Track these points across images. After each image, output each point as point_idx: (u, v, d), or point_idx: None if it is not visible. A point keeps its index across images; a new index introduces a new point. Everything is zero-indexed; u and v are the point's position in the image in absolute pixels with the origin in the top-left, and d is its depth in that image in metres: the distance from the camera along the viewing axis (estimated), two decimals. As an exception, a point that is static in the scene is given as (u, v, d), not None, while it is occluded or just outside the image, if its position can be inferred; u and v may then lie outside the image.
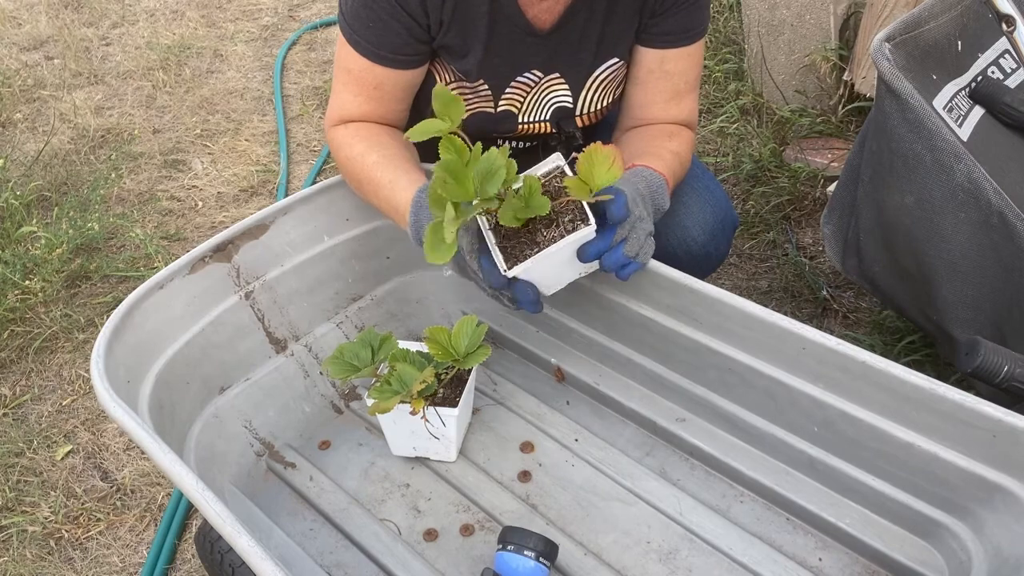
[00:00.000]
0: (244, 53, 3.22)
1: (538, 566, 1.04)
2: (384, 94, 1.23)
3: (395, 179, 1.16)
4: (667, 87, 1.26)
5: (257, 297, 1.27)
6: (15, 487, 1.55)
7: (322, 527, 1.18)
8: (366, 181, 1.20)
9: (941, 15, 1.25)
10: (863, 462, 1.07)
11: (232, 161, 2.56)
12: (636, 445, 1.26)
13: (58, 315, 1.92)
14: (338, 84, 1.25)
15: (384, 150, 1.20)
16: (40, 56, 3.23)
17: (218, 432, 1.21)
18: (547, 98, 1.28)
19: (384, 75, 1.20)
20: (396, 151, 1.22)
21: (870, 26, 2.09)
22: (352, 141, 1.23)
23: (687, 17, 1.21)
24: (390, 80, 1.21)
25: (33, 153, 2.55)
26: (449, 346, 1.11)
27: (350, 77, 1.22)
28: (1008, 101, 1.27)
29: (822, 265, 1.93)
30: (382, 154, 1.20)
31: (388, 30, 1.15)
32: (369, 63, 1.19)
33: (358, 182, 1.23)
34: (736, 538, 1.12)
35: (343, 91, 1.24)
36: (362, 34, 1.17)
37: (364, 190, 1.23)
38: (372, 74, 1.20)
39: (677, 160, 1.21)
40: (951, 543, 1.01)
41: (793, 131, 2.28)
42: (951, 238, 1.18)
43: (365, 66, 1.20)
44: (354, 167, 1.22)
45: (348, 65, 1.21)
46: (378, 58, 1.18)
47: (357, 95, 1.23)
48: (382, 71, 1.20)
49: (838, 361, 1.00)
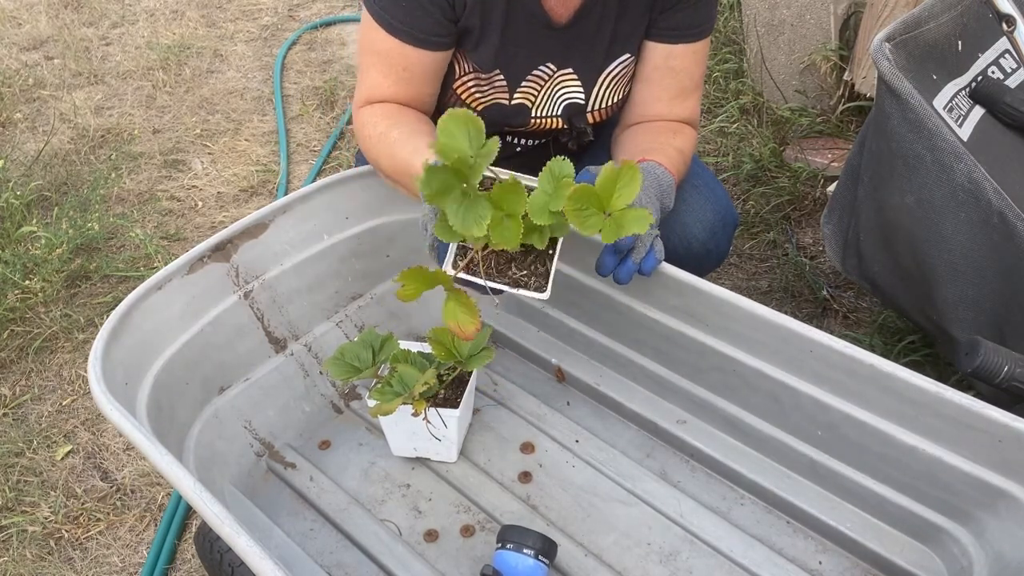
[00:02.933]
0: (244, 53, 3.21)
1: (537, 564, 1.04)
2: (413, 76, 1.22)
3: (414, 152, 1.15)
4: (672, 84, 1.27)
5: (256, 297, 1.26)
6: (15, 487, 1.55)
7: (322, 527, 1.18)
8: (386, 156, 1.19)
9: (941, 15, 1.25)
10: (865, 466, 1.06)
11: (232, 161, 2.55)
12: (637, 446, 1.26)
13: (58, 315, 1.92)
14: (366, 66, 1.24)
15: (408, 126, 1.20)
16: (40, 56, 3.23)
17: (218, 432, 1.21)
18: (559, 93, 1.28)
19: (415, 56, 1.20)
20: (420, 127, 1.21)
21: (870, 26, 2.09)
22: (377, 119, 1.22)
23: (695, 12, 1.22)
24: (420, 62, 1.21)
25: (33, 153, 2.55)
26: (452, 347, 1.11)
27: (379, 59, 1.21)
28: (1008, 101, 1.26)
29: (822, 265, 1.93)
30: (404, 131, 1.19)
31: (420, 9, 1.16)
32: (400, 43, 1.18)
33: (377, 158, 1.22)
34: (737, 540, 1.12)
35: (372, 72, 1.23)
36: (394, 14, 1.17)
37: (383, 166, 1.21)
38: (402, 54, 1.20)
39: (682, 158, 1.22)
40: (952, 548, 1.01)
41: (793, 131, 2.28)
42: (951, 238, 1.18)
43: (395, 46, 1.19)
44: (376, 144, 1.21)
45: (377, 47, 1.21)
46: (410, 38, 1.18)
47: (387, 76, 1.22)
48: (413, 52, 1.19)
49: (845, 364, 1.00)
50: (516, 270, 1.01)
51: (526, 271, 1.01)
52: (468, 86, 1.27)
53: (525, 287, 0.99)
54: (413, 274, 0.96)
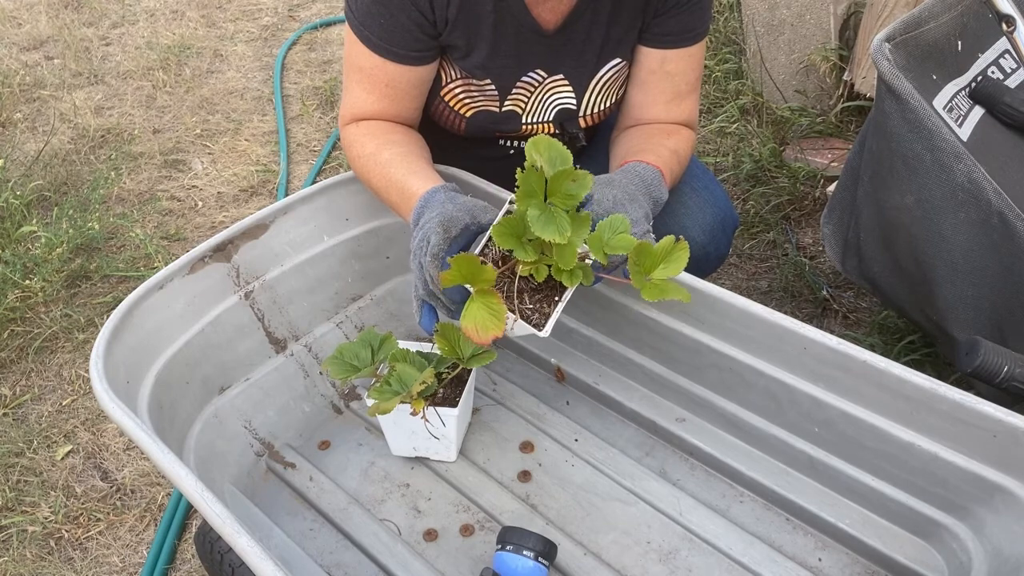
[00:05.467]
0: (244, 53, 3.21)
1: (537, 566, 1.04)
2: (397, 91, 1.22)
3: (407, 176, 1.15)
4: (668, 88, 1.26)
5: (257, 297, 1.27)
6: (15, 487, 1.55)
7: (322, 527, 1.18)
8: (378, 177, 1.19)
9: (941, 15, 1.25)
10: (863, 462, 1.07)
11: (232, 161, 2.56)
12: (636, 445, 1.26)
13: (58, 315, 1.92)
14: (350, 82, 1.24)
15: (398, 147, 1.20)
16: (40, 56, 3.23)
17: (218, 432, 1.21)
18: (550, 99, 1.28)
19: (396, 72, 1.19)
20: (410, 148, 1.21)
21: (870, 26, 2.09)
22: (364, 139, 1.22)
23: (689, 17, 1.21)
24: (403, 77, 1.20)
25: (33, 153, 2.55)
26: (457, 345, 1.11)
27: (362, 75, 1.21)
28: (1008, 101, 1.27)
29: (822, 265, 1.93)
30: (396, 152, 1.19)
31: (400, 26, 1.15)
32: (381, 60, 1.18)
33: (368, 179, 1.22)
34: (736, 538, 1.12)
35: (355, 89, 1.23)
36: (373, 30, 1.16)
37: (376, 186, 1.21)
38: (384, 71, 1.19)
39: (675, 157, 1.21)
40: (951, 543, 1.01)
41: (793, 131, 2.29)
42: (951, 238, 1.18)
43: (377, 63, 1.19)
44: (367, 164, 1.20)
45: (360, 63, 1.20)
46: (390, 54, 1.17)
47: (370, 92, 1.22)
48: (394, 68, 1.19)
49: (839, 361, 1.00)
50: (526, 302, 1.01)
51: (532, 306, 1.01)
52: (456, 93, 1.26)
53: (527, 320, 0.99)
54: (467, 261, 0.94)
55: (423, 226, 1.04)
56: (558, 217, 0.92)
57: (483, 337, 0.94)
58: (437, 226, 1.01)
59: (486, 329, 0.94)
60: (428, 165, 1.20)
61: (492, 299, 0.95)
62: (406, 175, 1.15)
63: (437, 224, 1.01)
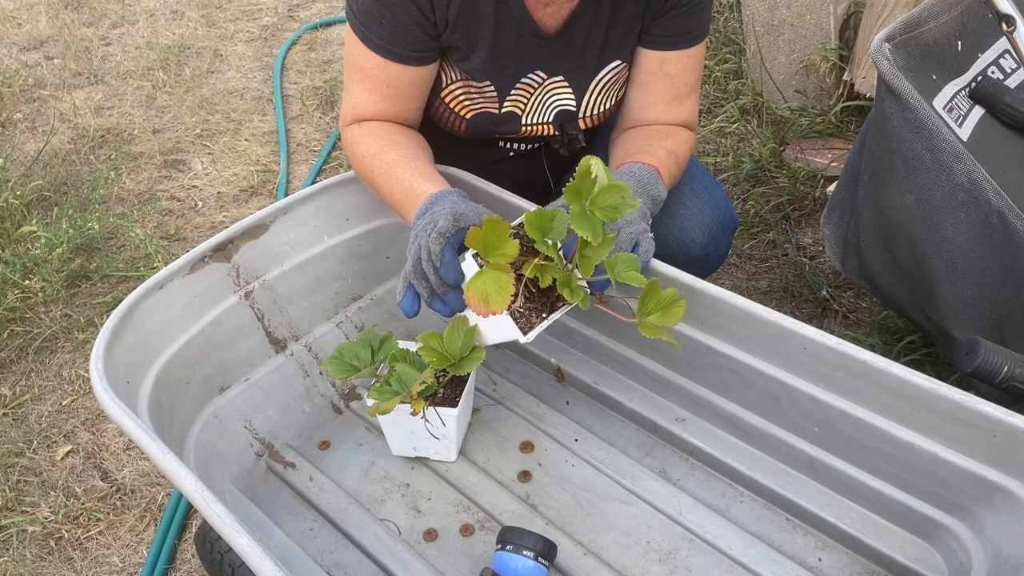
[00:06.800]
0: (244, 53, 3.21)
1: (537, 566, 1.04)
2: (398, 92, 1.22)
3: (415, 177, 1.14)
4: (667, 89, 1.26)
5: (257, 297, 1.27)
6: (15, 487, 1.55)
7: (322, 527, 1.18)
8: (383, 176, 1.18)
9: (941, 15, 1.25)
10: (863, 462, 1.07)
11: (232, 161, 2.56)
12: (636, 445, 1.26)
13: (58, 315, 1.92)
14: (351, 83, 1.24)
15: (404, 149, 1.19)
16: (40, 56, 3.23)
17: (218, 432, 1.21)
18: (550, 100, 1.28)
19: (398, 72, 1.19)
20: (416, 151, 1.21)
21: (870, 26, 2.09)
22: (368, 139, 1.21)
23: (688, 19, 1.21)
24: (404, 77, 1.20)
25: (33, 153, 2.55)
26: (443, 350, 1.10)
27: (363, 75, 1.21)
28: (1008, 101, 1.27)
29: (822, 265, 1.93)
30: (403, 153, 1.19)
31: (401, 26, 1.15)
32: (382, 60, 1.18)
33: (372, 178, 1.21)
34: (736, 538, 1.12)
35: (357, 89, 1.23)
36: (375, 31, 1.16)
37: (379, 185, 1.20)
38: (385, 71, 1.19)
39: (672, 158, 1.21)
40: (951, 543, 1.01)
41: (793, 131, 2.29)
42: (951, 238, 1.18)
43: (378, 63, 1.18)
44: (371, 163, 1.20)
45: (360, 63, 1.20)
46: (392, 55, 1.17)
47: (372, 93, 1.22)
48: (395, 68, 1.19)
49: (839, 360, 1.00)
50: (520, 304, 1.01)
51: (523, 311, 1.01)
52: (457, 95, 1.26)
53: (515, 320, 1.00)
54: (499, 227, 0.95)
55: (432, 214, 1.05)
56: (595, 221, 0.95)
57: (486, 308, 0.95)
58: (448, 214, 1.02)
59: (489, 301, 0.95)
60: (435, 169, 1.20)
61: (504, 276, 0.96)
62: (414, 176, 1.14)
63: (448, 213, 1.02)
